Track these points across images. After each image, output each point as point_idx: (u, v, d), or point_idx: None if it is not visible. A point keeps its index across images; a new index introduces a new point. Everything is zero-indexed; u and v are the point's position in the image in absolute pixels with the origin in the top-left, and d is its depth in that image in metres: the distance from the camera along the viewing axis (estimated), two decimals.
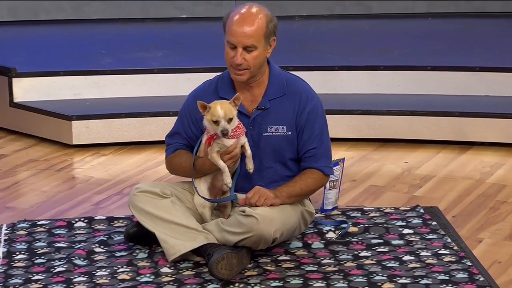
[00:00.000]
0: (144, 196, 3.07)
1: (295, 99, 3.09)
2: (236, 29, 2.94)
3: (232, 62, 2.97)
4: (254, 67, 2.99)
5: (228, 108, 2.95)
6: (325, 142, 3.12)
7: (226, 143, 2.99)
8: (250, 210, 2.97)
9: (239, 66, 2.97)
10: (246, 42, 2.95)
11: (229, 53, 2.99)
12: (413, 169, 4.04)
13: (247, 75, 3.00)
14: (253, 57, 2.97)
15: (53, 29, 5.61)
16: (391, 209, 3.52)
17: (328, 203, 3.51)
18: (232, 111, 2.96)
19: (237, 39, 2.94)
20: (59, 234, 3.33)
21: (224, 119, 2.94)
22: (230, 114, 2.95)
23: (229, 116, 2.95)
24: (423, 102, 4.56)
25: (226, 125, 2.94)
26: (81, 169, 4.12)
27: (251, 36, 2.94)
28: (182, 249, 3.01)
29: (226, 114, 2.94)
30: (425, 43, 5.21)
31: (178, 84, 4.72)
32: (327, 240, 3.23)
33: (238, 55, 2.95)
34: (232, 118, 2.95)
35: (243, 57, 2.95)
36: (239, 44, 2.95)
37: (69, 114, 4.41)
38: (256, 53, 2.97)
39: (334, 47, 5.16)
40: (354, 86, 4.72)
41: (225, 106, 2.95)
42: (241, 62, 2.96)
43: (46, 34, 5.52)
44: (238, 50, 2.96)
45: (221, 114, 2.94)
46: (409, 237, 3.26)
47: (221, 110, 2.94)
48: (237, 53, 2.95)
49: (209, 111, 2.97)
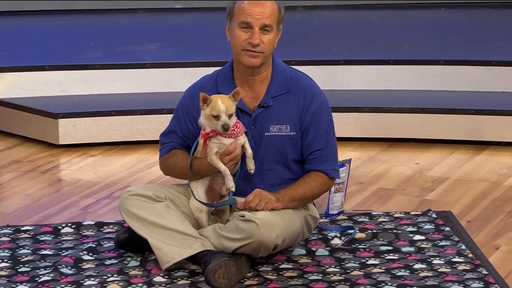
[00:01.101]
0: (136, 200, 3.08)
1: (300, 97, 3.10)
2: (252, 8, 2.98)
3: (246, 44, 2.98)
4: (267, 51, 3.02)
5: (229, 102, 2.98)
6: (331, 143, 3.13)
7: (225, 141, 3.00)
8: (249, 215, 2.97)
9: (255, 48, 2.98)
10: (264, 21, 2.98)
11: (241, 35, 3.00)
12: (425, 171, 4.04)
13: (261, 59, 3.02)
14: (268, 40, 3.00)
15: (39, 21, 5.62)
16: (401, 214, 3.53)
17: (333, 207, 3.52)
18: (233, 106, 2.98)
19: (255, 17, 2.97)
20: (44, 240, 3.33)
21: (225, 113, 2.96)
22: (231, 109, 2.97)
23: (230, 111, 2.97)
24: (436, 99, 4.56)
25: (228, 120, 2.96)
26: (68, 171, 4.13)
27: (269, 16, 2.99)
28: (176, 256, 3.02)
29: (227, 109, 2.96)
30: (438, 35, 5.21)
31: (173, 79, 4.72)
32: (332, 247, 3.23)
33: (256, 35, 2.97)
34: (232, 114, 2.97)
35: (260, 38, 2.98)
36: (257, 23, 2.98)
37: (55, 111, 4.41)
38: (271, 36, 3.00)
39: (340, 39, 5.16)
40: (362, 81, 4.73)
41: (226, 101, 2.98)
42: (259, 43, 2.98)
43: (31, 26, 5.52)
44: (255, 30, 2.98)
45: (222, 108, 2.96)
46: (421, 244, 3.27)
47: (222, 104, 2.96)
48: (254, 32, 2.98)
49: (209, 105, 2.98)
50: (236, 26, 3.01)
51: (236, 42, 3.02)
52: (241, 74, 3.09)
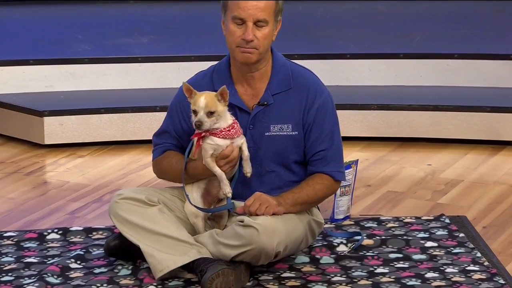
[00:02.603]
0: (127, 204, 3.09)
1: (302, 94, 3.11)
2: (246, 1, 2.98)
3: (240, 41, 2.99)
4: (263, 47, 3.02)
5: (212, 100, 2.97)
6: (336, 143, 3.13)
7: (220, 143, 3.01)
8: (249, 220, 2.98)
9: (249, 44, 2.99)
10: (258, 15, 2.99)
11: (235, 31, 3.01)
12: (438, 173, 4.05)
13: (256, 56, 3.03)
14: (263, 35, 3.00)
15: (22, 11, 5.63)
16: (411, 219, 3.54)
17: (339, 211, 3.53)
18: (217, 105, 2.97)
19: (248, 12, 2.98)
20: (29, 247, 3.34)
21: (204, 110, 2.96)
22: (212, 107, 2.97)
23: (210, 108, 2.96)
24: (449, 96, 4.57)
25: (204, 118, 2.96)
26: (55, 173, 4.14)
27: (264, 9, 2.99)
28: (171, 264, 3.03)
29: (207, 106, 2.96)
30: (451, 26, 5.22)
31: (167, 74, 4.73)
32: (338, 254, 3.25)
33: (249, 30, 2.98)
34: (213, 112, 2.96)
35: (254, 33, 2.99)
36: (249, 18, 2.99)
37: (40, 109, 4.42)
38: (267, 30, 3.01)
39: (346, 32, 5.17)
40: (369, 77, 4.74)
41: (210, 97, 2.98)
42: (253, 38, 2.99)
43: (13, 17, 5.53)
44: (248, 25, 2.99)
45: (202, 104, 2.96)
46: (433, 251, 3.28)
47: (203, 100, 2.96)
48: (247, 28, 2.99)
49: (193, 98, 3.00)
50: (229, 21, 3.02)
51: (230, 38, 3.03)
52: (238, 70, 3.10)
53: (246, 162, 3.06)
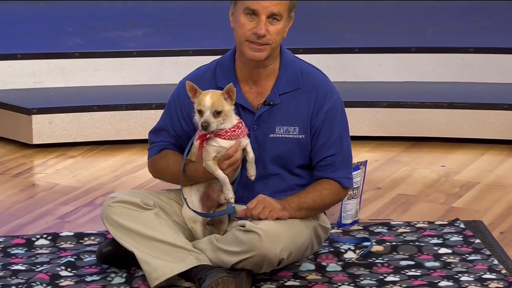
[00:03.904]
0: (121, 208, 3.09)
1: (311, 95, 3.10)
2: None
3: (251, 35, 2.99)
4: (275, 42, 3.02)
5: (218, 99, 2.97)
6: (345, 149, 3.13)
7: (223, 144, 3.01)
8: (251, 225, 2.99)
9: (261, 39, 2.99)
10: (273, 9, 2.98)
11: (246, 24, 3.00)
12: (452, 175, 4.06)
13: (267, 52, 3.02)
14: (276, 31, 3.00)
15: (8, 2, 5.64)
16: (424, 224, 3.55)
17: (346, 216, 3.54)
18: (224, 104, 2.97)
19: (262, 4, 2.97)
20: (16, 254, 3.35)
21: (210, 110, 2.96)
22: (218, 106, 2.97)
23: (216, 108, 2.96)
24: (465, 92, 4.58)
25: (210, 118, 2.96)
26: (43, 175, 4.15)
27: (279, 3, 2.99)
28: (167, 272, 3.04)
29: (213, 105, 2.96)
30: (467, 19, 5.22)
31: (163, 70, 4.74)
32: (345, 261, 3.25)
33: (262, 24, 2.97)
34: (220, 111, 2.96)
35: (266, 28, 2.99)
36: (264, 11, 2.98)
37: (28, 106, 4.43)
38: (280, 26, 3.01)
39: (354, 24, 5.18)
40: (379, 72, 4.74)
41: (216, 96, 2.98)
42: (265, 33, 2.98)
43: (0, 9, 5.54)
44: (261, 19, 2.98)
45: (208, 103, 2.96)
46: (447, 258, 3.29)
47: (209, 100, 2.96)
48: (260, 22, 2.98)
49: (198, 98, 3.00)
50: (240, 12, 3.02)
51: (239, 30, 3.02)
52: (244, 66, 3.10)
53: (250, 165, 3.06)
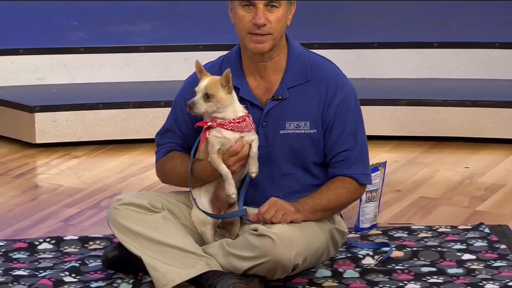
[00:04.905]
0: (128, 210, 3.10)
1: (321, 87, 3.11)
2: None
3: (251, 26, 3.00)
4: (277, 31, 3.03)
5: (213, 83, 3.00)
6: (360, 143, 3.13)
7: (226, 135, 3.02)
8: (264, 228, 2.99)
9: (261, 29, 3.00)
10: None
11: (244, 16, 3.03)
12: (476, 177, 4.05)
13: (270, 43, 3.04)
14: (277, 18, 3.02)
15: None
16: (446, 228, 3.54)
17: (365, 219, 3.54)
18: (217, 90, 2.99)
19: None
20: (18, 258, 3.36)
21: (201, 92, 2.99)
22: (211, 89, 2.99)
23: (209, 91, 2.99)
24: (490, 90, 4.57)
25: (199, 100, 2.98)
26: (47, 175, 4.16)
27: None
28: (176, 278, 3.04)
29: (206, 88, 2.99)
30: (492, 12, 5.21)
31: (172, 66, 4.75)
32: (363, 267, 3.25)
33: (260, 13, 3.00)
34: (210, 95, 2.98)
35: (266, 17, 3.00)
36: (260, 0, 2.99)
37: (31, 104, 4.45)
38: (280, 13, 3.02)
39: (373, 18, 5.17)
40: (400, 68, 4.74)
41: (212, 81, 3.01)
42: (265, 22, 3.00)
43: (1, 2, 5.56)
44: (258, 8, 3.01)
45: (201, 85, 3.00)
46: (471, 265, 3.28)
47: (204, 82, 3.00)
48: (258, 11, 3.00)
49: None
50: (237, 6, 3.04)
51: (239, 24, 3.04)
52: (250, 60, 3.11)
53: (252, 160, 3.06)
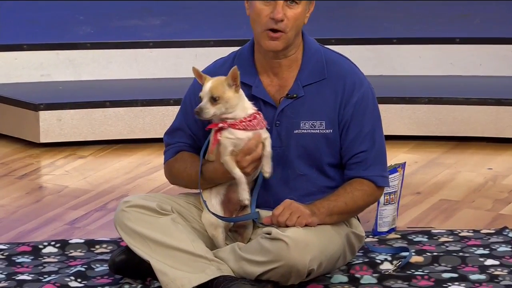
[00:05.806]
0: (136, 213, 3.11)
1: (338, 86, 3.11)
2: None
3: (268, 21, 2.99)
4: (292, 30, 3.03)
5: (219, 85, 2.99)
6: (378, 143, 3.13)
7: (239, 135, 3.01)
8: (278, 232, 2.99)
9: (278, 24, 2.99)
10: None
11: (262, 10, 3.02)
12: (500, 178, 4.04)
13: (284, 42, 3.04)
14: (295, 16, 3.02)
15: None
16: (468, 232, 3.54)
17: (383, 223, 3.53)
18: (224, 91, 2.99)
19: None
20: (22, 262, 3.37)
21: (207, 96, 2.99)
22: (216, 91, 2.99)
23: (214, 94, 2.98)
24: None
25: (206, 105, 2.98)
26: (51, 176, 4.17)
27: None
28: (186, 283, 3.05)
29: (211, 91, 2.99)
30: None
31: (182, 62, 4.76)
32: (381, 273, 3.25)
33: (279, 8, 2.99)
34: (217, 98, 2.98)
35: (284, 12, 3.00)
36: None
37: (35, 102, 4.46)
38: (299, 10, 3.02)
39: (393, 12, 5.17)
40: (420, 65, 4.73)
41: (217, 82, 3.00)
42: (282, 18, 3.00)
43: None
44: (278, 3, 3.00)
45: (206, 89, 2.99)
46: (494, 271, 3.27)
47: (208, 85, 2.99)
48: (277, 5, 3.00)
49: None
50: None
51: (256, 19, 3.04)
52: (264, 57, 3.11)
53: (266, 160, 3.06)
